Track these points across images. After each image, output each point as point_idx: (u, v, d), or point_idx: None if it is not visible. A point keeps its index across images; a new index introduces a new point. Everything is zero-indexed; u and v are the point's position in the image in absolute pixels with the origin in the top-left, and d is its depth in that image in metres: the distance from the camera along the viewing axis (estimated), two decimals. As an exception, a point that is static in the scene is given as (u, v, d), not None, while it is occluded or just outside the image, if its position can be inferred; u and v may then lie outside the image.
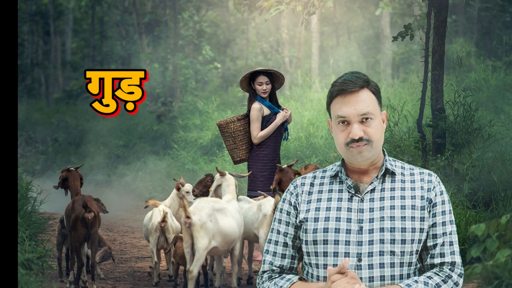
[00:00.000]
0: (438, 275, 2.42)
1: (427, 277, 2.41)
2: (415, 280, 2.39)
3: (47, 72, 27.06)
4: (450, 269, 2.43)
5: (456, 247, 2.46)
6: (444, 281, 2.41)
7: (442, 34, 7.96)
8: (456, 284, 2.43)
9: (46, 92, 27.08)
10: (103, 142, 18.24)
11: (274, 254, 2.53)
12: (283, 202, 2.55)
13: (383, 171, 2.47)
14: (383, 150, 2.52)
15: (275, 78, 7.60)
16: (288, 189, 2.57)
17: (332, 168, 2.54)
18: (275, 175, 6.63)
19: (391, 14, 19.25)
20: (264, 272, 2.55)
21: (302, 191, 2.52)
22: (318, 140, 11.74)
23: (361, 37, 22.19)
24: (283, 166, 6.59)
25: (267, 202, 6.45)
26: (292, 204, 2.52)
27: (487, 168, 7.83)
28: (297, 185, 2.55)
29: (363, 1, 18.41)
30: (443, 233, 2.44)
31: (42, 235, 7.53)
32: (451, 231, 2.45)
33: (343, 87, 2.41)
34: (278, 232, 2.53)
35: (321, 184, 2.52)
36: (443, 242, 2.44)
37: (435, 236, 2.44)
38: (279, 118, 7.50)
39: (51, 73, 26.95)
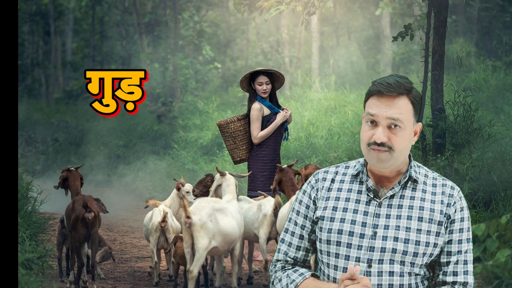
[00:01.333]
0: (455, 283, 2.40)
1: None
2: None
3: (47, 72, 27.07)
4: None
5: (470, 267, 2.41)
6: None
7: (442, 34, 7.96)
8: None
9: (46, 92, 27.09)
10: (103, 142, 18.25)
11: (290, 244, 2.51)
12: (303, 194, 2.51)
13: (406, 178, 2.42)
14: (409, 155, 2.45)
15: (275, 78, 7.60)
16: (310, 182, 2.52)
17: (355, 166, 2.49)
18: (275, 175, 6.63)
19: (391, 14, 19.26)
20: (278, 260, 2.53)
21: (323, 186, 2.48)
22: (318, 140, 11.74)
23: (361, 37, 22.19)
24: (283, 166, 6.59)
25: (267, 202, 6.45)
26: (312, 198, 2.49)
27: (487, 168, 7.83)
28: (318, 179, 2.50)
29: (363, 1, 18.44)
30: (458, 251, 2.40)
31: (43, 235, 7.54)
32: (466, 250, 2.41)
33: (380, 88, 2.35)
34: (296, 223, 2.50)
35: (342, 181, 2.47)
36: (457, 260, 2.40)
37: (449, 254, 2.40)
38: (279, 118, 7.51)
39: (51, 73, 26.96)
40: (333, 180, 2.49)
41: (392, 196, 2.41)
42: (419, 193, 2.41)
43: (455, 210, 2.41)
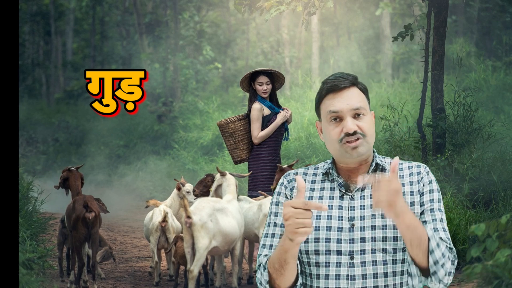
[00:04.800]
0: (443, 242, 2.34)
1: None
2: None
3: (48, 72, 27.09)
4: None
5: (448, 234, 2.38)
6: (449, 251, 2.33)
7: (442, 34, 7.98)
8: (453, 262, 2.34)
9: (47, 92, 27.11)
10: (103, 142, 18.27)
11: (271, 247, 2.48)
12: (278, 195, 2.51)
13: (373, 167, 2.45)
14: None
15: (276, 78, 7.61)
16: (282, 183, 2.52)
17: (323, 166, 2.52)
18: (275, 175, 6.64)
19: (391, 14, 19.27)
20: (259, 265, 2.48)
21: (294, 186, 2.50)
22: (319, 140, 11.75)
23: (361, 37, 22.20)
24: (283, 166, 6.60)
25: (268, 202, 6.46)
26: (288, 197, 2.50)
27: (487, 168, 7.84)
28: (290, 179, 2.52)
29: (363, 1, 18.45)
30: (432, 220, 2.39)
31: (43, 235, 7.55)
32: (441, 219, 2.41)
33: (335, 83, 2.41)
34: (275, 224, 2.49)
35: (313, 182, 2.51)
36: (435, 228, 2.37)
37: (424, 223, 2.39)
38: (280, 118, 7.51)
39: (52, 73, 26.98)
40: (304, 181, 2.47)
41: (363, 188, 2.44)
42: None
43: (423, 184, 2.44)
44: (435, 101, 8.02)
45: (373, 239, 2.38)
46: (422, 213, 2.42)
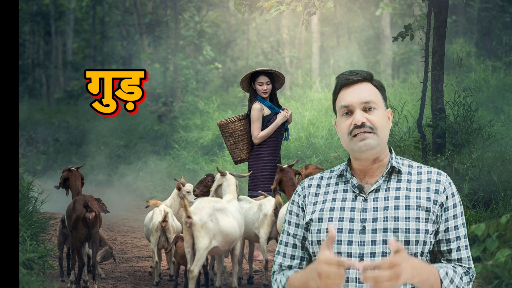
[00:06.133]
0: (461, 266, 2.44)
1: (453, 266, 2.42)
2: (445, 265, 2.41)
3: (48, 72, 27.09)
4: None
5: (469, 251, 2.46)
6: (466, 273, 2.43)
7: (442, 35, 7.98)
8: (469, 282, 2.45)
9: (47, 92, 27.12)
10: (104, 142, 18.28)
11: (284, 255, 2.54)
12: (292, 204, 2.55)
13: (388, 169, 2.44)
14: (390, 148, 2.49)
15: (276, 78, 7.62)
16: (297, 191, 2.55)
17: (339, 168, 2.52)
18: (275, 175, 6.65)
19: (391, 15, 19.27)
20: (274, 272, 2.57)
21: (309, 192, 2.52)
22: (319, 140, 11.76)
23: (362, 37, 22.21)
24: (283, 166, 6.60)
25: (268, 202, 6.46)
26: (300, 205, 2.52)
27: (487, 168, 7.84)
28: (304, 186, 2.54)
29: (363, 2, 18.45)
30: (456, 237, 2.43)
31: (43, 235, 7.56)
32: (464, 234, 2.45)
33: (346, 77, 2.44)
34: (288, 233, 2.54)
35: (328, 185, 2.51)
36: (459, 246, 2.43)
37: (448, 241, 2.43)
38: (280, 118, 7.52)
39: (52, 73, 26.99)
40: (318, 185, 2.53)
41: (377, 190, 2.42)
42: (405, 184, 2.43)
43: (447, 197, 2.43)
44: (435, 101, 8.02)
45: (384, 242, 2.35)
46: (447, 230, 2.43)
